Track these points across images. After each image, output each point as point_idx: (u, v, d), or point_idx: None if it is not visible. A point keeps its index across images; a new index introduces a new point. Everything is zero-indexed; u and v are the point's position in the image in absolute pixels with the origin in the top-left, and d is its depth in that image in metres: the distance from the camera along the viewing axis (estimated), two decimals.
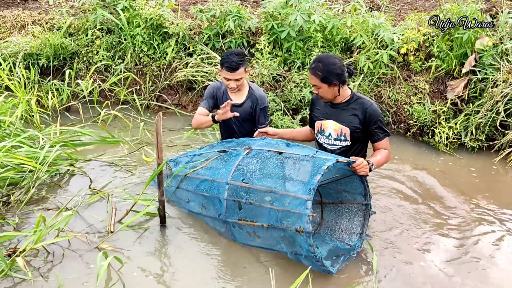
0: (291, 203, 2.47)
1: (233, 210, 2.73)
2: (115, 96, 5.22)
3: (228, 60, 3.06)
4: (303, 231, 2.36)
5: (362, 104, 2.81)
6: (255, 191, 2.63)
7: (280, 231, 2.53)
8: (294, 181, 2.60)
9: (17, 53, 5.29)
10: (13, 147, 3.44)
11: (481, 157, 4.21)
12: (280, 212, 2.50)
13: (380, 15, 4.90)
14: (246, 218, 2.68)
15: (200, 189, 2.98)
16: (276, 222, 2.51)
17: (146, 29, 5.26)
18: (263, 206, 2.59)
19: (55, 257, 2.74)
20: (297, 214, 2.41)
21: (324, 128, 2.94)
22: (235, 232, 2.80)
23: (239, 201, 2.69)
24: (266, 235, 2.65)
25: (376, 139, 2.85)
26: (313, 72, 2.77)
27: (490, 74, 4.30)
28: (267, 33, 4.98)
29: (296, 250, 2.54)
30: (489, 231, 3.13)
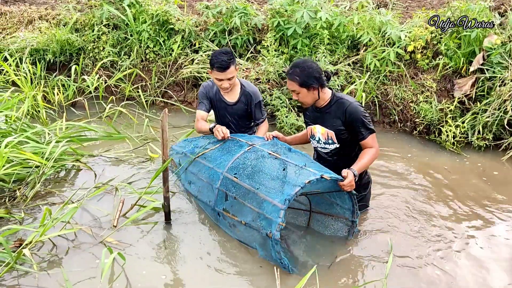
0: (268, 207, 2.53)
1: (221, 200, 2.86)
2: (120, 92, 5.23)
3: (217, 60, 3.05)
4: (271, 237, 2.42)
5: (342, 104, 2.79)
6: (241, 187, 2.73)
7: (254, 231, 2.62)
8: (278, 186, 2.60)
9: (24, 49, 5.32)
10: (19, 143, 3.46)
11: (488, 156, 4.18)
12: (256, 213, 2.59)
13: (387, 12, 4.87)
14: (229, 210, 2.81)
15: (201, 173, 3.09)
16: (252, 221, 2.61)
17: (152, 25, 5.26)
18: (244, 204, 2.68)
19: (61, 251, 2.75)
20: (270, 220, 2.47)
21: (314, 133, 2.96)
22: (220, 220, 2.92)
23: (227, 193, 2.81)
24: (244, 230, 2.75)
25: (361, 138, 2.81)
26: (291, 77, 2.75)
27: (498, 73, 4.26)
28: (273, 30, 4.96)
29: (267, 252, 2.61)
30: (497, 231, 3.10)
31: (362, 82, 4.58)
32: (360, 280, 2.62)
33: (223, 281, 2.57)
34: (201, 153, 3.19)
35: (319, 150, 3.02)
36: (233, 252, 2.80)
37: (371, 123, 2.82)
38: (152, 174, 3.55)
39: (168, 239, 2.92)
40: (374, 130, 2.83)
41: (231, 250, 2.82)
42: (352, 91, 4.58)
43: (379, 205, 3.32)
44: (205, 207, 3.09)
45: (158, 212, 3.15)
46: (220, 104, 3.35)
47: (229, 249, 2.83)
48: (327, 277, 2.59)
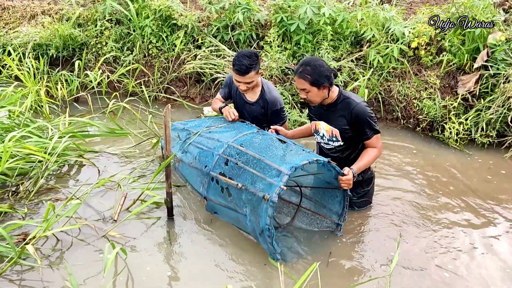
0: (270, 173, 2.56)
1: (219, 165, 2.88)
2: (123, 87, 5.23)
3: (238, 62, 3.00)
4: (268, 199, 2.43)
5: (348, 104, 2.78)
6: (245, 155, 2.76)
7: (249, 194, 2.61)
8: (281, 160, 2.65)
9: (27, 43, 5.32)
10: (22, 137, 3.46)
11: (491, 153, 4.16)
12: (257, 177, 2.60)
13: (391, 8, 4.85)
14: (226, 174, 2.81)
15: (203, 143, 3.12)
16: (250, 184, 2.61)
17: (155, 20, 5.25)
18: (245, 168, 2.69)
19: (64, 245, 2.77)
20: (270, 183, 2.49)
21: (318, 128, 2.97)
22: (211, 185, 2.92)
23: (228, 158, 2.84)
24: (236, 195, 2.74)
25: (365, 138, 2.82)
26: (301, 76, 2.71)
27: (502, 70, 4.24)
28: (276, 26, 4.95)
29: (255, 224, 2.60)
30: (501, 231, 3.09)
31: (365, 78, 4.57)
32: (362, 277, 2.62)
33: (226, 276, 2.58)
34: (206, 128, 3.23)
35: (322, 146, 3.03)
36: (236, 247, 2.81)
37: (377, 124, 2.83)
38: (155, 170, 3.55)
39: (171, 234, 2.93)
40: (379, 131, 2.83)
41: (234, 246, 2.83)
42: (355, 87, 4.57)
43: (382, 202, 3.32)
44: (196, 178, 3.08)
45: (161, 207, 3.16)
46: (239, 99, 3.32)
47: (232, 245, 2.84)
48: (328, 274, 2.60)
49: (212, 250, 2.79)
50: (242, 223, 2.79)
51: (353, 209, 3.15)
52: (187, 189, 3.41)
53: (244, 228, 2.85)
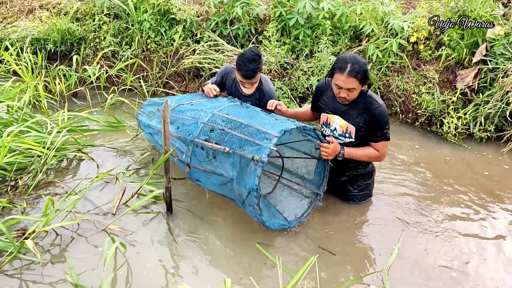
0: (259, 136, 2.60)
1: (204, 133, 2.88)
2: (122, 82, 5.22)
3: (245, 68, 3.00)
4: (257, 159, 2.46)
5: (370, 103, 2.74)
6: (232, 121, 2.80)
7: (237, 157, 2.62)
8: (272, 124, 2.71)
9: (25, 38, 5.30)
10: (21, 132, 3.46)
11: (489, 147, 4.17)
12: (245, 141, 2.63)
13: (390, 3, 4.83)
14: (212, 140, 2.82)
15: (185, 113, 3.13)
16: (238, 148, 2.63)
17: (154, 15, 5.23)
18: (232, 133, 2.72)
19: (63, 240, 2.77)
20: (259, 145, 2.53)
21: (330, 122, 2.90)
22: (196, 152, 2.91)
23: (214, 125, 2.85)
24: (223, 160, 2.74)
25: (373, 140, 2.81)
26: (353, 74, 2.59)
27: (501, 64, 4.24)
28: (275, 20, 4.93)
29: (241, 188, 2.61)
30: (498, 226, 3.11)
31: None
32: (361, 270, 2.63)
33: (224, 271, 2.59)
34: (187, 102, 3.26)
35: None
36: (235, 242, 2.82)
37: (389, 132, 2.81)
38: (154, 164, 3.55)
39: (170, 228, 2.94)
40: (389, 139, 2.81)
41: (233, 240, 2.84)
42: None
43: (382, 195, 3.33)
44: (178, 146, 3.06)
45: (160, 202, 3.17)
46: (234, 90, 3.32)
47: (231, 239, 2.85)
48: (327, 266, 2.61)
49: (210, 245, 2.80)
50: (226, 189, 2.78)
51: (354, 202, 3.15)
52: (186, 183, 3.41)
53: (228, 194, 2.84)
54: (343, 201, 3.19)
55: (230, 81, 3.30)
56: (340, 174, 3.06)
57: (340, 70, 2.62)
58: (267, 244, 2.78)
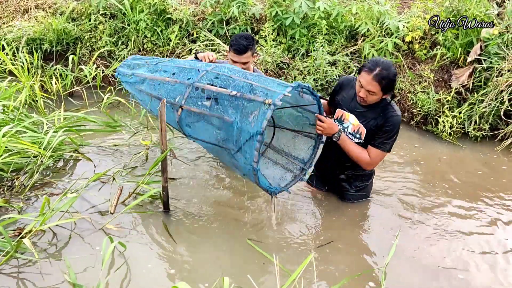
0: (270, 85, 2.49)
1: (207, 77, 2.69)
2: (118, 81, 5.21)
3: (236, 42, 3.07)
4: (270, 103, 2.33)
5: (387, 110, 2.72)
6: (240, 72, 2.68)
7: (244, 101, 2.48)
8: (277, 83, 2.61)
9: (20, 38, 5.29)
10: (17, 132, 3.46)
11: (484, 146, 4.21)
12: (255, 87, 2.49)
13: (385, 3, 4.86)
14: (216, 84, 2.63)
15: (184, 64, 2.94)
16: (248, 92, 2.48)
17: (150, 14, 5.23)
18: (240, 79, 2.57)
19: (61, 239, 2.77)
20: (273, 91, 2.41)
21: (344, 118, 2.87)
22: (192, 95, 2.72)
23: (219, 73, 2.69)
24: (227, 103, 2.55)
25: (372, 143, 2.78)
26: (377, 79, 2.56)
27: (495, 63, 4.28)
28: (271, 20, 4.95)
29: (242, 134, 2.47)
30: (490, 222, 3.14)
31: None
32: (358, 267, 2.65)
33: (222, 269, 2.60)
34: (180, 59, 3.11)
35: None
36: (232, 240, 2.83)
37: (391, 146, 2.79)
38: (150, 164, 3.56)
39: (167, 227, 2.94)
40: (389, 151, 2.80)
41: (231, 239, 2.85)
42: None
43: (377, 193, 3.35)
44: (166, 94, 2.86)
45: (157, 201, 3.17)
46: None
47: (228, 238, 2.86)
48: (324, 264, 2.63)
49: (208, 243, 2.81)
50: (218, 137, 2.63)
51: (349, 201, 3.17)
52: (183, 182, 3.42)
53: (219, 144, 2.67)
54: (339, 199, 3.21)
55: None
56: (339, 172, 3.07)
57: (369, 70, 2.60)
58: (264, 243, 2.79)
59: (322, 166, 3.11)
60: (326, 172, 3.15)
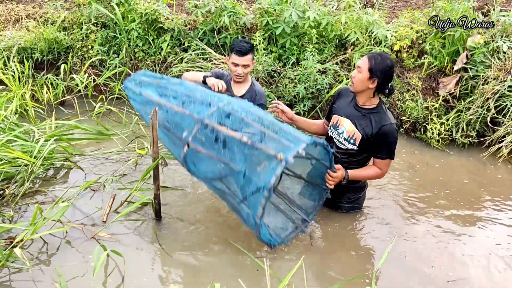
0: (285, 136, 2.37)
1: (219, 115, 2.51)
2: (110, 90, 5.23)
3: (238, 44, 3.10)
4: (281, 159, 2.21)
5: (382, 119, 2.76)
6: (253, 114, 2.48)
7: (255, 150, 2.34)
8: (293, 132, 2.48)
9: (11, 47, 5.27)
10: (8, 141, 3.45)
11: (471, 153, 4.28)
12: (268, 137, 2.36)
13: (374, 12, 4.95)
14: (227, 125, 2.47)
15: (194, 93, 2.73)
16: (259, 141, 2.34)
17: (141, 24, 5.26)
18: (253, 124, 2.41)
19: (52, 248, 2.77)
20: (286, 145, 2.29)
21: (339, 124, 2.91)
22: (201, 132, 2.55)
23: (232, 112, 2.51)
24: (235, 149, 2.41)
25: (378, 156, 2.82)
26: (369, 56, 2.71)
27: (481, 72, 4.37)
28: (262, 29, 5.01)
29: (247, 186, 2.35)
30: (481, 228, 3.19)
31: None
32: (349, 273, 2.67)
33: (214, 277, 2.61)
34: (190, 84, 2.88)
35: (335, 141, 2.95)
36: (224, 248, 2.84)
37: (394, 151, 2.83)
38: (141, 172, 3.57)
39: (159, 235, 2.95)
40: (393, 157, 2.84)
41: (222, 246, 2.86)
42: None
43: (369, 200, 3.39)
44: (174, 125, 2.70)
45: (148, 209, 3.18)
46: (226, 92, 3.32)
47: (220, 245, 2.87)
48: (316, 270, 2.65)
49: (200, 251, 2.81)
50: (224, 182, 2.52)
51: (341, 212, 3.19)
52: (175, 190, 3.43)
53: (222, 188, 2.56)
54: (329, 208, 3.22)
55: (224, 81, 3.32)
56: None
57: (368, 53, 2.80)
58: (254, 249, 2.81)
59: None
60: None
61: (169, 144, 2.86)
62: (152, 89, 2.95)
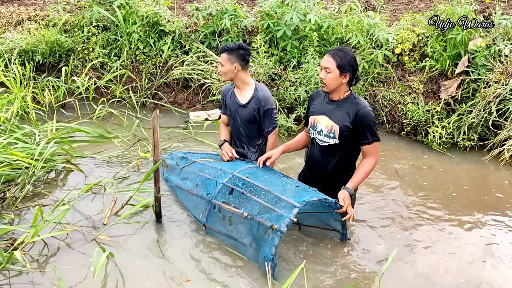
0: (279, 204, 2.60)
1: (223, 194, 2.88)
2: (111, 93, 5.23)
3: (224, 45, 3.19)
4: (276, 229, 2.46)
5: (356, 104, 2.80)
6: (252, 185, 2.79)
7: (254, 223, 2.63)
8: (292, 191, 2.74)
9: (13, 49, 5.29)
10: (9, 144, 3.45)
11: (473, 156, 4.27)
12: (264, 207, 2.63)
13: (375, 15, 4.95)
14: (230, 203, 2.80)
15: (205, 171, 3.16)
16: (256, 214, 2.62)
17: (142, 26, 5.27)
18: (252, 198, 2.71)
19: (53, 250, 2.76)
20: (279, 214, 2.53)
21: (317, 123, 2.94)
22: (212, 213, 2.92)
23: (233, 187, 2.84)
24: (239, 224, 2.75)
25: (365, 142, 2.82)
26: (332, 54, 2.73)
27: (483, 75, 4.36)
28: (263, 32, 5.01)
29: (256, 248, 2.63)
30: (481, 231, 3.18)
31: None
32: (351, 278, 2.66)
33: (213, 280, 2.60)
34: (206, 159, 3.30)
35: (317, 142, 2.95)
36: (224, 251, 2.83)
37: (378, 132, 2.84)
38: (143, 175, 3.56)
39: (160, 238, 2.94)
40: (379, 139, 2.84)
41: (222, 249, 2.85)
42: None
43: (370, 204, 3.38)
44: (196, 206, 3.07)
45: (149, 211, 3.17)
46: (233, 104, 3.31)
47: (219, 248, 2.86)
48: (317, 276, 2.64)
49: (200, 255, 2.80)
50: (240, 250, 2.79)
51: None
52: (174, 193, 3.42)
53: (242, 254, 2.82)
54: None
55: (228, 96, 3.33)
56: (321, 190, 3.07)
57: (328, 52, 2.82)
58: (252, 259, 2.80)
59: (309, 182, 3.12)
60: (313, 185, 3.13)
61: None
62: (175, 175, 3.42)
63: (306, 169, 3.13)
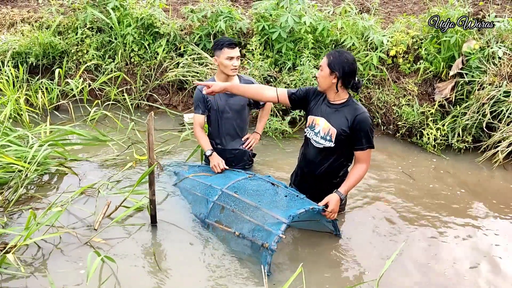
0: (269, 220, 2.64)
1: (215, 213, 2.95)
2: (105, 95, 5.20)
3: (226, 39, 3.20)
4: (267, 247, 2.51)
5: (355, 109, 2.82)
6: (241, 202, 2.84)
7: (248, 242, 2.71)
8: (280, 205, 2.77)
9: (6, 52, 5.25)
10: (1, 146, 3.41)
11: (467, 158, 4.28)
12: (254, 225, 2.68)
13: (369, 18, 4.96)
14: (222, 222, 2.88)
15: (195, 189, 3.22)
16: (248, 233, 2.69)
17: (137, 28, 5.25)
18: (242, 216, 2.76)
19: (46, 253, 2.73)
20: (269, 231, 2.57)
21: (315, 124, 2.94)
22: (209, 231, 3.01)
23: (224, 205, 2.90)
24: (233, 242, 2.83)
25: (358, 148, 2.83)
26: (328, 54, 2.83)
27: (476, 77, 4.38)
28: (258, 34, 5.01)
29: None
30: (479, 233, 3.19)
31: None
32: (350, 280, 2.65)
33: (209, 284, 2.59)
34: (196, 174, 3.36)
35: (312, 142, 2.96)
36: (220, 253, 2.82)
37: (373, 140, 2.85)
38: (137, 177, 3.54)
39: (154, 241, 2.92)
40: (373, 146, 2.86)
41: (218, 252, 2.83)
42: None
43: (366, 206, 3.38)
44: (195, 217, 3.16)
45: (144, 214, 3.15)
46: (219, 98, 3.32)
47: (215, 251, 2.84)
48: (314, 277, 2.63)
49: (195, 257, 2.79)
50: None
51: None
52: (170, 195, 3.40)
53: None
54: None
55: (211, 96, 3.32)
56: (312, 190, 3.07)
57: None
58: (252, 255, 2.78)
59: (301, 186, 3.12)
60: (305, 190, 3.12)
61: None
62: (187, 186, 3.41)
63: (298, 169, 3.14)
